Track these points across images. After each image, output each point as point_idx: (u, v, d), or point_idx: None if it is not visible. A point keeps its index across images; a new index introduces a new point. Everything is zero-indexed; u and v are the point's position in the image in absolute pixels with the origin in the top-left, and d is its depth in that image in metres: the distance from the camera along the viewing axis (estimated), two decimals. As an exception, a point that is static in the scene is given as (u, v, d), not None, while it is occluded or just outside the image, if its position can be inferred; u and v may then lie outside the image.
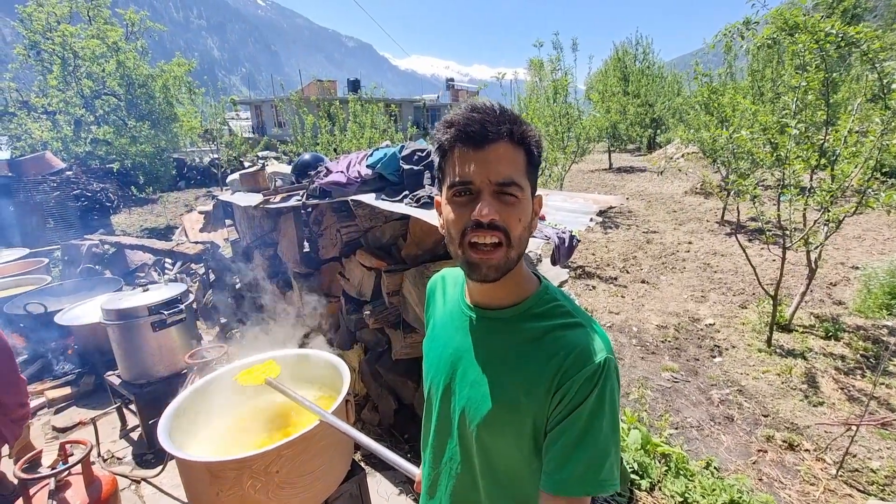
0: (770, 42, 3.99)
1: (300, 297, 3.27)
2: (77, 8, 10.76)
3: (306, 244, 2.88)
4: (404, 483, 2.47)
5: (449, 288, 0.99)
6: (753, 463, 2.88)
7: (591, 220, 1.88)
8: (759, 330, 4.46)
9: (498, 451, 0.81)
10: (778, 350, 4.12)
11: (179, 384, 2.49)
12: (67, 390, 3.53)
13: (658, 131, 19.00)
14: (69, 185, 7.99)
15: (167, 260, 6.10)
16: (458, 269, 1.02)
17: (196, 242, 5.37)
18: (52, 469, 1.72)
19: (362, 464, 2.36)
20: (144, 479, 2.56)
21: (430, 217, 1.99)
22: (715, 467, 2.74)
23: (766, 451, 2.98)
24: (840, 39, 3.59)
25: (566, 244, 1.62)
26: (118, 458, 2.86)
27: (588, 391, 0.72)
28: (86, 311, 3.68)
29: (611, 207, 2.13)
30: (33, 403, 3.45)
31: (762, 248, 6.62)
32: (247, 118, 34.09)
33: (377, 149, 2.52)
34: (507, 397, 0.79)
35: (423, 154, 2.35)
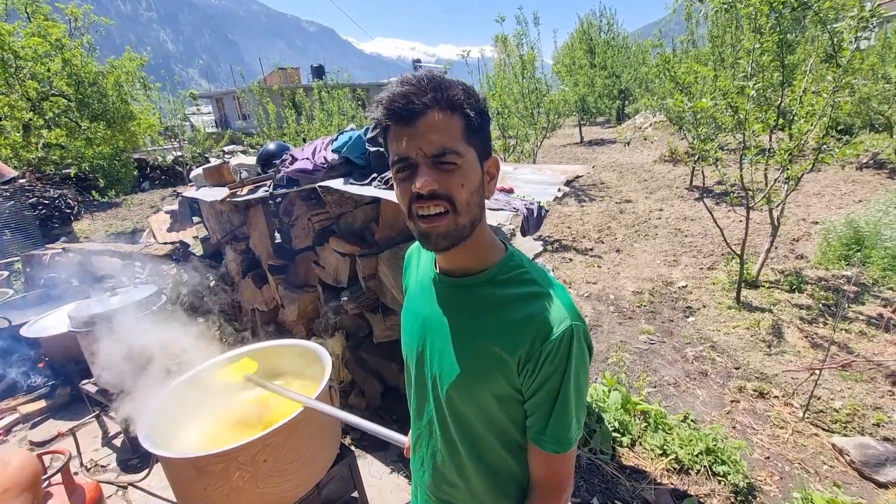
0: (726, 6, 4.05)
1: (276, 289, 3.23)
2: (13, 4, 10.09)
3: (278, 235, 2.84)
4: (395, 462, 2.51)
5: (422, 258, 1.01)
6: (727, 413, 3.03)
7: (559, 189, 1.90)
8: (728, 288, 4.63)
9: (469, 413, 0.84)
10: (746, 306, 4.30)
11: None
12: (42, 403, 3.43)
13: (626, 102, 19.20)
14: (24, 194, 7.61)
15: (137, 264, 5.91)
16: None
17: (165, 243, 5.21)
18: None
19: (352, 447, 2.39)
20: (131, 484, 2.53)
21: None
22: (692, 420, 2.87)
23: (738, 401, 3.13)
24: (794, 1, 3.67)
25: (535, 215, 1.64)
26: (102, 466, 2.82)
27: (556, 361, 0.76)
28: (54, 321, 3.56)
29: (578, 177, 2.16)
30: (7, 420, 3.35)
31: (728, 211, 6.84)
32: (208, 112, 32.88)
33: (342, 132, 2.48)
34: (472, 364, 0.81)
35: (389, 135, 2.33)
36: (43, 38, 9.69)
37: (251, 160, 3.41)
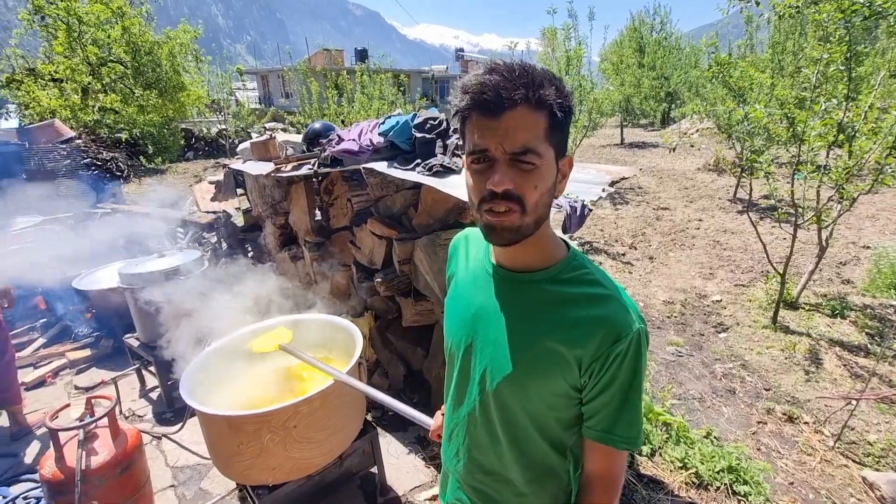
0: (793, 11, 3.84)
1: (311, 265, 3.32)
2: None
3: (318, 213, 2.91)
4: (414, 443, 2.57)
5: (472, 247, 1.01)
6: (753, 433, 2.95)
7: (604, 190, 1.88)
8: (766, 307, 4.47)
9: (516, 407, 0.85)
10: (783, 327, 4.14)
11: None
12: (87, 352, 3.66)
13: (673, 105, 18.54)
14: (79, 154, 8.02)
15: (179, 229, 6.18)
16: (479, 230, 1.05)
17: (207, 212, 5.42)
18: (81, 421, 1.81)
19: (373, 424, 2.45)
20: (165, 436, 2.68)
21: (443, 186, 2.00)
22: (715, 436, 2.81)
23: (765, 423, 3.04)
24: (867, 9, 3.45)
25: (578, 213, 1.63)
26: (139, 416, 2.99)
27: (625, 362, 0.77)
28: (102, 276, 3.77)
29: (623, 178, 2.12)
30: (53, 365, 3.59)
31: (773, 226, 6.55)
32: (253, 88, 33.61)
33: (389, 117, 2.51)
34: (529, 360, 0.82)
35: (436, 123, 2.34)
36: (105, 5, 10.11)
37: (297, 137, 3.49)
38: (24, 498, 2.24)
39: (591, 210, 1.70)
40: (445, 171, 2.11)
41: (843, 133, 3.86)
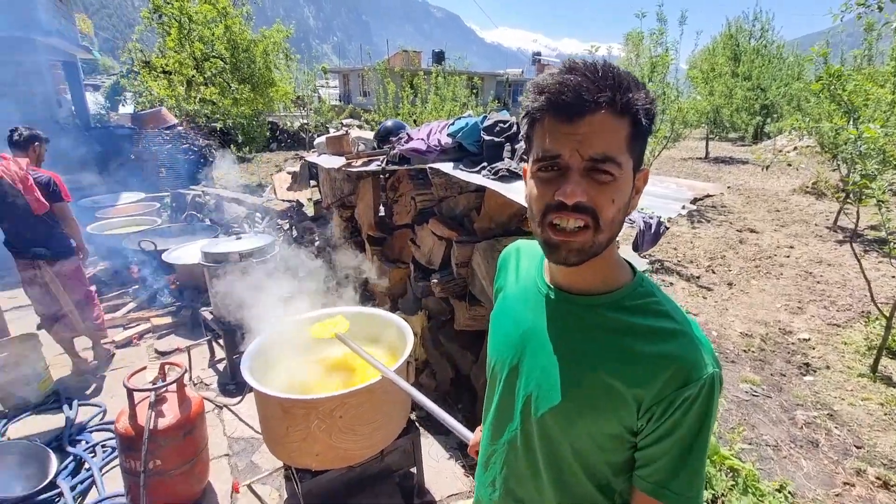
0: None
1: (371, 259, 3.40)
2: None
3: (382, 209, 2.97)
4: (455, 449, 2.54)
5: (524, 261, 0.94)
6: (836, 495, 2.60)
7: (684, 207, 1.73)
8: (864, 353, 3.93)
9: (562, 441, 0.78)
10: (884, 377, 3.62)
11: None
12: (168, 319, 4.02)
13: (768, 120, 16.96)
14: (180, 140, 8.86)
15: (257, 214, 6.63)
16: (534, 243, 0.98)
17: (283, 200, 5.76)
18: (154, 384, 1.97)
19: (416, 424, 2.45)
20: (226, 406, 2.87)
21: (507, 191, 1.94)
22: (789, 492, 2.50)
23: (853, 486, 2.66)
24: None
25: (652, 230, 1.50)
26: (206, 384, 3.22)
27: (692, 409, 0.68)
28: (188, 252, 4.13)
29: (708, 196, 1.94)
30: (140, 328, 3.97)
31: (880, 261, 5.76)
32: (335, 86, 35.36)
33: (459, 118, 2.50)
34: (582, 392, 0.74)
35: (506, 126, 2.29)
36: (212, 5, 11.08)
37: (368, 134, 3.59)
38: (103, 446, 2.49)
39: (667, 228, 1.56)
40: (511, 175, 2.06)
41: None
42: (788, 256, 6.27)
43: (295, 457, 1.82)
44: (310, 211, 5.15)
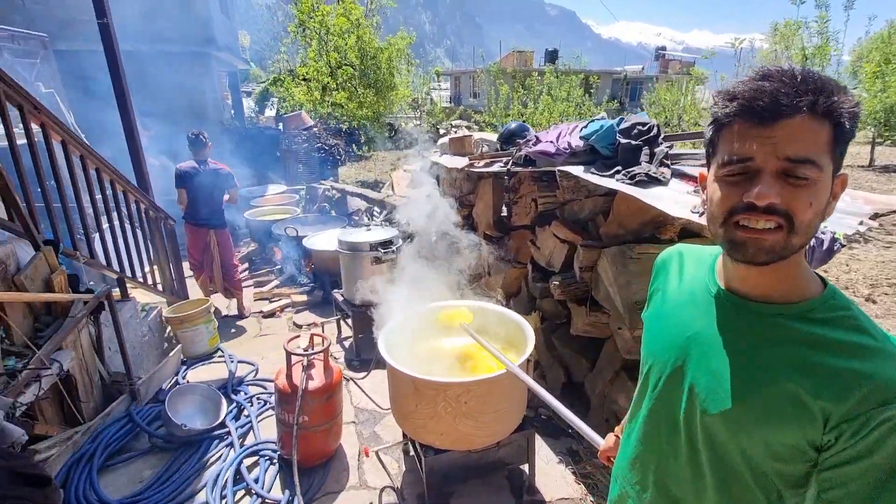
0: None
1: (487, 257, 3.50)
2: (328, -12, 12.86)
3: (504, 209, 3.05)
4: (564, 455, 2.52)
5: (689, 265, 0.93)
6: None
7: (862, 223, 1.51)
8: None
9: (731, 448, 0.75)
10: None
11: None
12: (304, 297, 4.56)
13: (965, 121, 13.67)
14: (314, 139, 9.93)
15: (376, 208, 7.18)
16: (699, 247, 0.96)
17: (401, 196, 6.15)
18: (306, 351, 2.28)
19: (532, 422, 2.48)
20: (352, 380, 3.18)
21: (645, 196, 1.88)
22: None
23: None
24: None
25: (824, 246, 1.35)
26: (335, 358, 3.60)
27: (892, 435, 0.62)
28: (322, 239, 4.64)
29: (893, 212, 1.67)
30: (282, 303, 4.57)
31: None
32: (446, 88, 36.54)
33: (592, 120, 2.46)
34: (759, 400, 0.72)
35: (645, 129, 2.21)
36: (347, 17, 12.20)
37: (492, 136, 3.69)
38: (258, 398, 2.94)
39: (842, 245, 1.39)
40: (650, 180, 1.98)
41: None
42: None
43: (420, 432, 1.97)
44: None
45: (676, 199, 1.83)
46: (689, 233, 2.23)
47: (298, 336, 2.39)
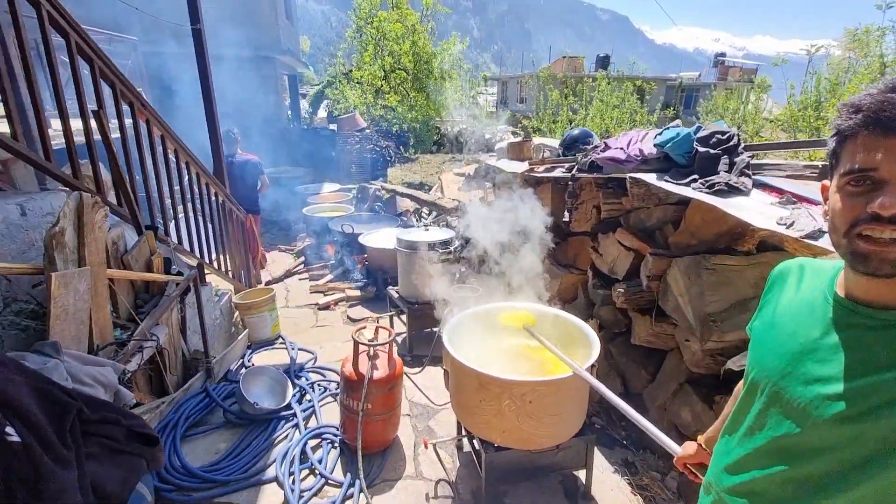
0: None
1: (543, 262, 3.50)
2: (384, -3, 13.20)
3: (566, 214, 3.05)
4: (620, 465, 2.49)
5: (808, 277, 0.92)
6: None
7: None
8: None
9: (844, 450, 0.75)
10: None
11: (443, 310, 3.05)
12: (357, 293, 4.72)
13: None
14: (367, 141, 10.23)
15: (425, 209, 7.31)
16: (822, 260, 0.95)
17: (452, 199, 6.24)
18: (371, 342, 2.38)
19: (591, 428, 2.46)
20: (407, 374, 3.27)
21: (726, 206, 1.84)
22: None
23: None
24: None
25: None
26: (388, 353, 3.72)
27: None
28: (377, 237, 4.78)
29: None
30: (336, 296, 4.75)
31: None
32: (492, 93, 36.52)
33: (667, 128, 2.43)
34: (868, 402, 0.72)
35: (724, 137, 2.16)
36: (402, 23, 12.49)
37: (553, 142, 3.70)
38: (318, 385, 3.08)
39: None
40: (730, 190, 1.94)
41: None
42: None
43: (483, 428, 2.02)
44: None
45: (760, 210, 1.78)
46: (767, 246, 2.16)
47: (364, 327, 2.49)
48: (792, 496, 0.85)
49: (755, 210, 1.80)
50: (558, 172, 3.19)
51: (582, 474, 2.30)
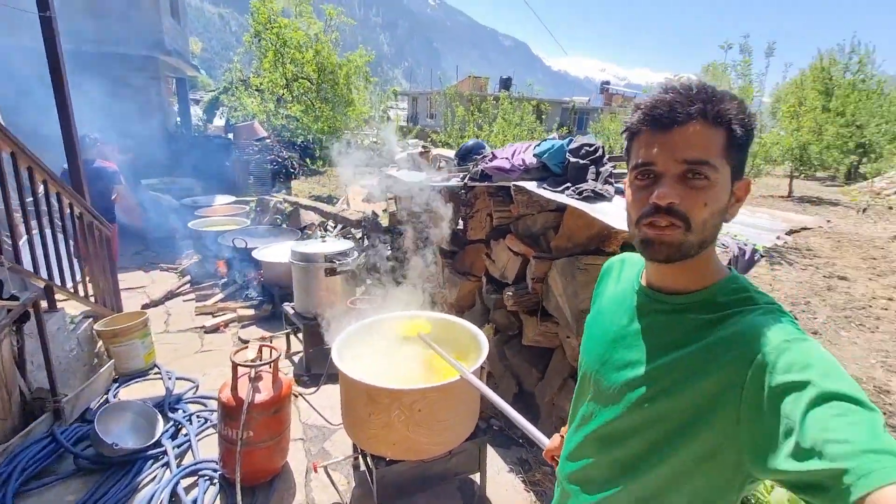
0: None
1: (442, 270, 3.54)
2: (288, 4, 12.80)
3: (460, 223, 3.12)
4: (515, 464, 2.55)
5: (626, 269, 0.99)
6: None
7: (779, 237, 1.70)
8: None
9: (648, 431, 0.79)
10: None
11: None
12: (251, 312, 4.38)
13: (865, 159, 15.58)
14: (267, 151, 9.68)
15: (330, 222, 7.07)
16: (635, 255, 1.03)
17: (357, 211, 6.11)
18: (253, 362, 2.20)
19: (483, 430, 2.50)
20: (301, 395, 3.08)
21: (592, 211, 2.01)
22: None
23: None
24: None
25: (746, 256, 1.50)
26: (283, 374, 3.47)
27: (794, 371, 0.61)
28: (274, 252, 4.50)
29: (805, 229, 1.88)
30: (227, 317, 4.36)
31: None
32: (403, 108, 36.92)
33: (545, 140, 2.61)
34: (663, 383, 0.76)
35: (591, 149, 2.36)
36: (305, 32, 12.14)
37: (449, 152, 3.79)
38: (197, 416, 2.77)
39: (761, 256, 1.55)
40: (596, 196, 2.12)
41: None
42: (887, 309, 5.69)
43: (373, 443, 1.94)
44: (384, 222, 5.44)
45: (620, 214, 1.97)
46: (630, 246, 2.39)
47: (246, 347, 2.30)
48: (614, 479, 0.87)
49: (616, 214, 1.98)
50: (453, 182, 3.27)
51: (478, 477, 2.32)
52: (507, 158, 2.65)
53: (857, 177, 16.16)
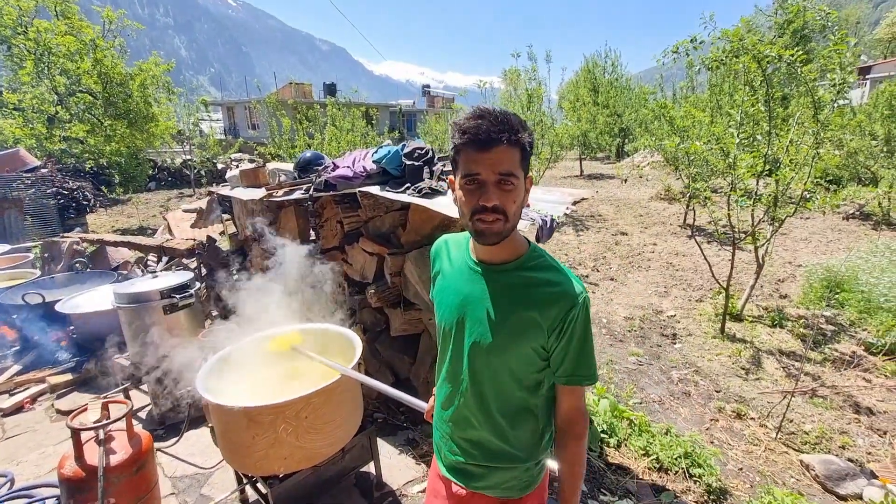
0: (717, 64, 4.49)
1: (301, 283, 3.50)
2: (43, 3, 10.51)
3: (312, 233, 3.14)
4: (404, 445, 2.75)
5: (453, 249, 1.27)
6: (706, 429, 3.30)
7: (567, 208, 2.24)
8: (714, 320, 4.95)
9: (500, 367, 1.12)
10: (730, 336, 4.61)
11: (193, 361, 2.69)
12: (68, 377, 3.63)
13: (626, 140, 19.96)
14: (45, 183, 7.86)
15: (151, 256, 6.16)
16: (456, 235, 1.32)
17: (185, 239, 5.47)
18: (99, 422, 1.92)
19: (371, 420, 2.62)
20: (160, 450, 2.73)
21: (432, 205, 2.30)
22: (674, 433, 3.13)
23: (717, 420, 3.40)
24: (778, 60, 4.12)
25: (548, 225, 1.96)
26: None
27: (578, 320, 1.07)
28: (86, 300, 3.80)
29: (583, 199, 2.49)
30: (32, 391, 3.55)
31: (719, 249, 7.23)
32: (218, 120, 33.40)
33: (381, 147, 2.82)
34: (509, 329, 1.09)
35: (423, 152, 2.66)
36: (75, 37, 10.14)
37: (288, 165, 3.73)
38: (21, 512, 2.26)
39: (559, 223, 2.04)
40: (433, 192, 2.42)
41: (769, 164, 4.48)
42: (653, 252, 7.53)
43: (262, 465, 1.91)
44: (225, 245, 5.02)
45: (455, 206, 2.30)
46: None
47: (85, 409, 1.99)
48: (477, 412, 1.18)
49: (453, 206, 2.31)
50: (298, 195, 3.26)
51: (372, 467, 2.44)
52: (348, 167, 2.79)
53: (623, 155, 20.58)
